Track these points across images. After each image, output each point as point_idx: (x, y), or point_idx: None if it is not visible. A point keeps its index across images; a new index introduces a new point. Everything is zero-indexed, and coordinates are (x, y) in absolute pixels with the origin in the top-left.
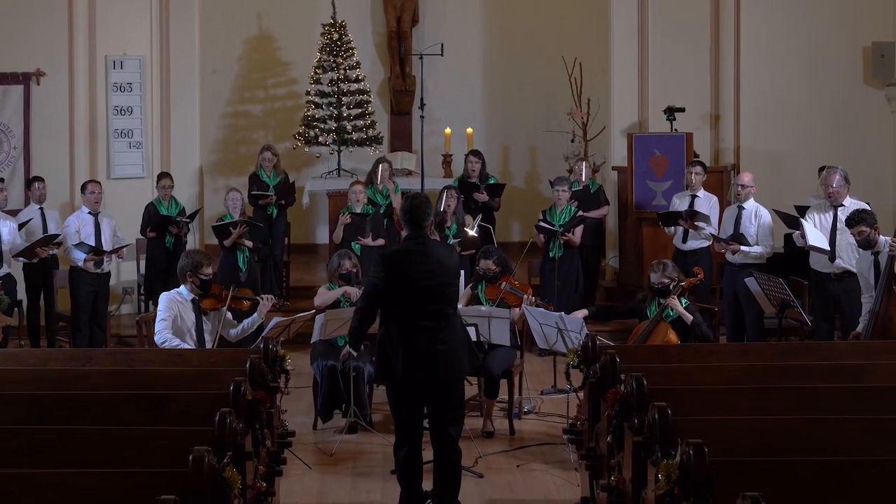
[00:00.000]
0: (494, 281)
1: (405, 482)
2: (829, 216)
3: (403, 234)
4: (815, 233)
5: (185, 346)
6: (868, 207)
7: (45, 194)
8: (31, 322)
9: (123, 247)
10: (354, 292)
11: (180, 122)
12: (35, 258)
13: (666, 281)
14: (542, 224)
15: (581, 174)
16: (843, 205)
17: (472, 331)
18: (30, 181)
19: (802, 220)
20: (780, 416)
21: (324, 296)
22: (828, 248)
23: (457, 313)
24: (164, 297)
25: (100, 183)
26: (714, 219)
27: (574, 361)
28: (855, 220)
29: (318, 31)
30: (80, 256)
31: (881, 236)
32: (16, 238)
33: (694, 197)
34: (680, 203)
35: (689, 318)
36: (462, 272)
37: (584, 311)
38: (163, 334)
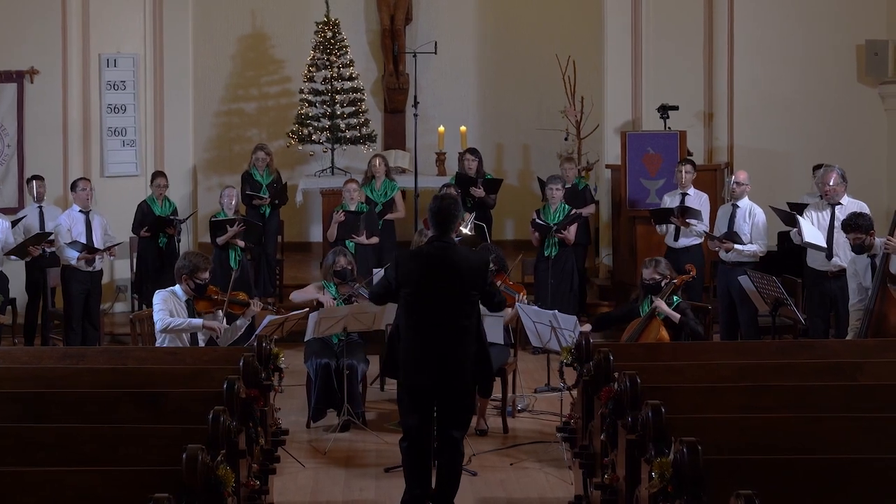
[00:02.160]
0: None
1: (408, 475)
2: (827, 214)
3: (428, 233)
4: (811, 230)
5: (191, 322)
6: (866, 207)
7: (44, 192)
8: (28, 320)
9: (115, 245)
10: (328, 302)
11: (174, 121)
12: (28, 256)
13: (657, 277)
14: (537, 221)
15: (567, 174)
16: (840, 203)
17: None
18: (29, 179)
19: (799, 217)
20: (774, 415)
21: (303, 294)
22: (824, 245)
23: (472, 323)
24: (158, 294)
25: (90, 181)
26: (705, 216)
27: (567, 359)
28: (851, 226)
29: (312, 30)
30: (73, 255)
31: (877, 238)
32: (8, 237)
33: (684, 195)
34: (671, 201)
35: (675, 317)
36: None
37: (588, 326)
38: (164, 319)
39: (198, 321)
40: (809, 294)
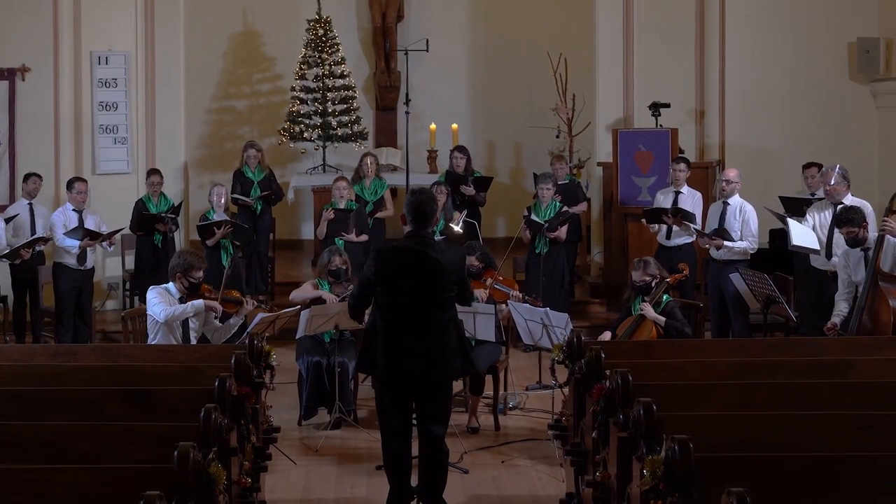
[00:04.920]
0: (478, 277)
1: (392, 477)
2: (829, 214)
3: (406, 229)
4: (800, 232)
5: (194, 304)
6: (869, 206)
7: (38, 190)
8: (17, 318)
9: (116, 231)
10: (331, 299)
11: (165, 118)
12: (18, 259)
13: (647, 279)
14: (532, 218)
15: (557, 172)
16: (842, 202)
17: None
18: (27, 175)
19: (789, 220)
20: (765, 412)
21: (302, 293)
22: (815, 247)
23: (452, 316)
24: (153, 290)
25: (86, 181)
26: (698, 214)
27: (559, 357)
28: (843, 220)
29: (304, 27)
30: (74, 244)
31: (870, 232)
32: (0, 238)
33: (678, 193)
34: (664, 199)
35: (661, 321)
36: None
37: (608, 333)
38: (166, 309)
39: (199, 302)
40: (808, 293)
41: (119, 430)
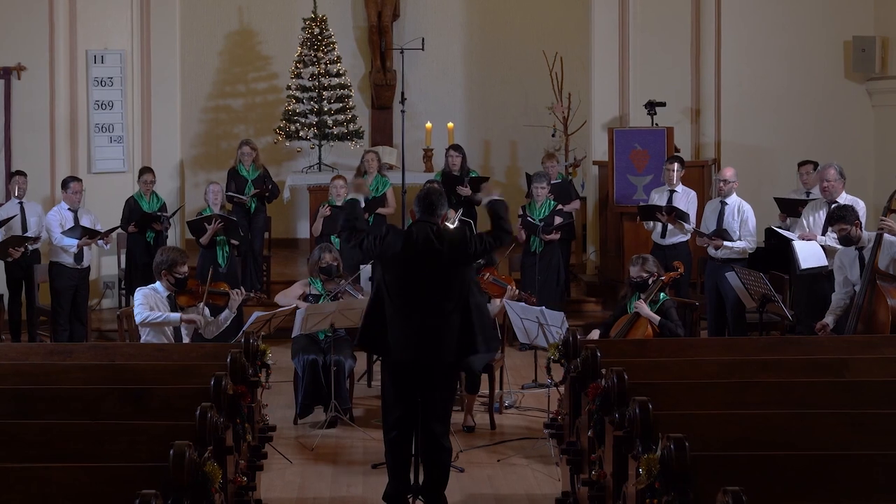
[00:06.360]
0: (477, 273)
1: (391, 467)
2: (824, 213)
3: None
4: (807, 253)
5: (169, 316)
6: (861, 203)
7: (25, 189)
8: (12, 316)
9: (114, 229)
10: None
11: (161, 117)
12: (9, 258)
13: (645, 275)
14: (528, 219)
15: (549, 171)
16: (836, 201)
17: None
18: (12, 174)
19: (794, 243)
20: (761, 411)
21: (286, 298)
22: (824, 263)
23: (459, 306)
24: (139, 291)
25: (81, 181)
26: (692, 213)
27: (555, 356)
28: (835, 218)
29: (299, 26)
30: (72, 242)
31: (864, 232)
32: None
33: (672, 192)
34: (658, 198)
35: (655, 319)
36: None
37: (597, 332)
38: (142, 313)
39: (175, 315)
40: (804, 291)
41: (115, 428)
